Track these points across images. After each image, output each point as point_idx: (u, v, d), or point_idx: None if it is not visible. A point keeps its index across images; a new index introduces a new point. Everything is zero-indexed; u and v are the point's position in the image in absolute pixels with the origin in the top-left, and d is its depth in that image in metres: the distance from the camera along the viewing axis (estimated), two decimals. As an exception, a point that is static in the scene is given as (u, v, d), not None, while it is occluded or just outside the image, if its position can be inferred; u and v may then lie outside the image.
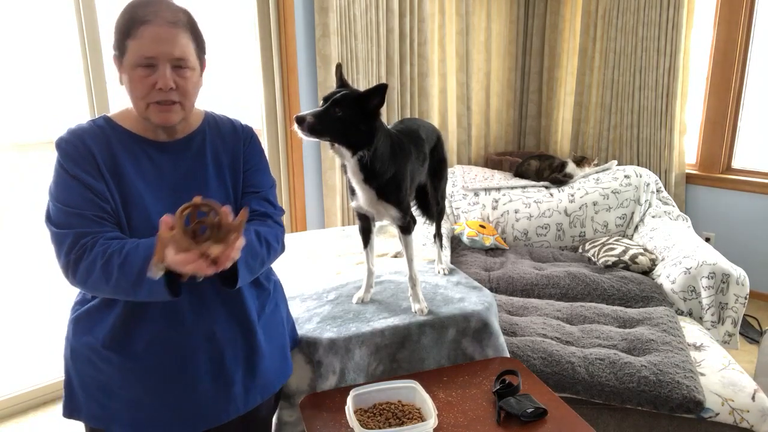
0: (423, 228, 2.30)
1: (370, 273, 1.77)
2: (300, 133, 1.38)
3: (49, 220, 1.14)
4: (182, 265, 0.98)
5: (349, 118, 1.42)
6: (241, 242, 1.04)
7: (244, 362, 1.30)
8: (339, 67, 1.57)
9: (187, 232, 1.00)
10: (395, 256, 2.15)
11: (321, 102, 1.46)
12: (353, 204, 1.67)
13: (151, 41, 1.10)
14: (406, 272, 1.71)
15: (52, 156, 1.18)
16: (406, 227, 1.65)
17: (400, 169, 1.59)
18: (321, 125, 1.39)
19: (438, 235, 1.99)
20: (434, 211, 1.93)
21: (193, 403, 1.23)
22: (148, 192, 1.18)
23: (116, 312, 1.18)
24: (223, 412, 1.27)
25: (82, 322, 1.22)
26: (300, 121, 1.37)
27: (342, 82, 1.53)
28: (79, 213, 1.11)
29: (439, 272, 1.97)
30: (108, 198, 1.14)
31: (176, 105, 1.17)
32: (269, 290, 1.39)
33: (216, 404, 1.26)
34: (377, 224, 1.84)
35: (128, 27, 1.11)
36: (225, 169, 1.30)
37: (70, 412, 1.26)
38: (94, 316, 1.21)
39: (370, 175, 1.53)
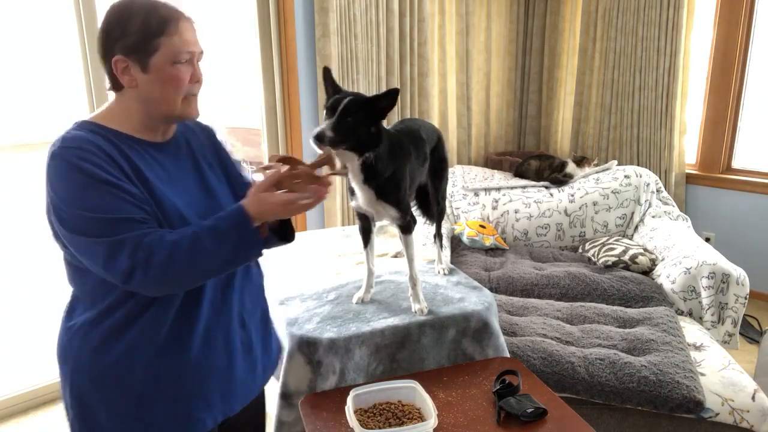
0: (423, 228, 2.30)
1: (370, 273, 1.77)
2: (317, 149, 1.39)
3: (77, 231, 1.05)
4: (318, 194, 1.12)
5: (360, 123, 1.42)
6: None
7: (262, 342, 1.36)
8: (327, 71, 1.54)
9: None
10: (395, 256, 2.15)
11: (324, 111, 1.45)
12: (353, 204, 1.67)
13: (189, 36, 1.13)
14: (406, 272, 1.71)
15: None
16: (406, 227, 1.65)
17: (399, 169, 1.59)
18: (339, 137, 1.40)
19: (438, 235, 1.99)
20: (434, 211, 1.94)
21: (233, 386, 1.27)
22: (170, 192, 1.17)
23: (169, 311, 1.15)
24: (250, 392, 1.32)
25: (108, 340, 1.13)
26: (321, 138, 1.37)
27: (334, 88, 1.52)
28: (124, 218, 1.05)
29: (439, 272, 1.98)
30: (145, 200, 1.10)
31: (197, 97, 1.21)
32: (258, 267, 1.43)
33: (246, 385, 1.30)
34: (377, 224, 1.84)
35: (160, 25, 1.10)
36: (212, 163, 1.32)
37: None
38: (125, 329, 1.14)
39: (370, 175, 1.53)
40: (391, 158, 1.56)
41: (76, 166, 1.05)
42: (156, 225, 1.10)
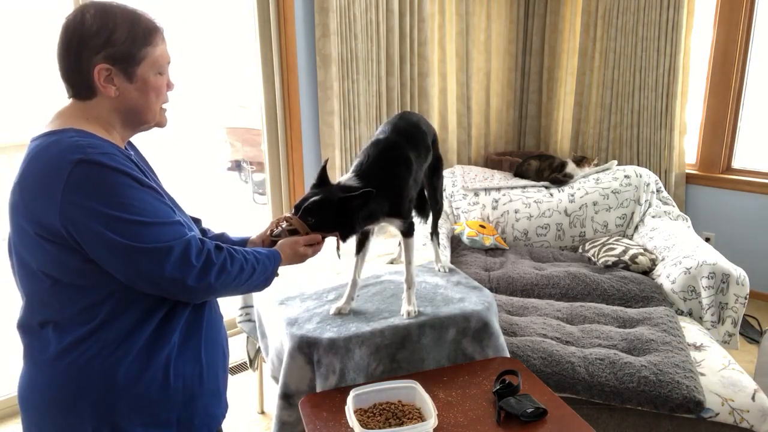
0: (424, 228, 2.30)
1: (354, 284, 1.71)
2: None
3: (140, 239, 1.02)
4: (314, 252, 1.39)
5: (325, 221, 1.43)
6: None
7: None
8: (324, 167, 1.58)
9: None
10: (391, 263, 2.11)
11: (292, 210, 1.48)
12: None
13: (166, 46, 1.17)
14: (404, 273, 1.71)
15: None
16: (407, 231, 1.66)
17: (402, 183, 1.59)
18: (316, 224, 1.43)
19: (435, 233, 1.98)
20: (433, 210, 1.93)
21: (227, 381, 1.35)
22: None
23: (183, 313, 1.18)
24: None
25: (139, 355, 1.11)
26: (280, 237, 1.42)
27: (319, 180, 1.56)
28: (176, 221, 1.10)
29: (438, 270, 1.97)
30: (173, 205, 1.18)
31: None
32: None
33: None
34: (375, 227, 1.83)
35: (146, 36, 1.12)
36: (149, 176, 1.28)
37: None
38: (153, 339, 1.13)
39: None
40: (389, 186, 1.55)
41: (114, 171, 1.02)
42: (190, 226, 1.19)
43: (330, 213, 1.43)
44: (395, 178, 1.58)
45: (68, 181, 0.99)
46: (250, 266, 1.20)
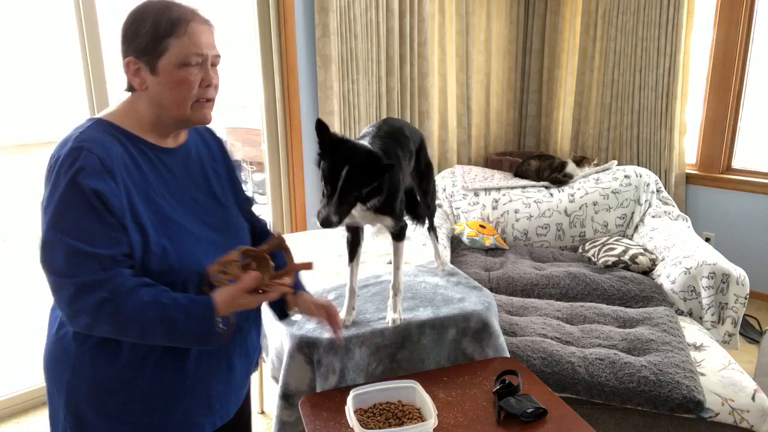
0: (423, 229, 2.30)
1: (352, 292, 1.65)
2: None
3: (50, 265, 1.00)
4: (259, 300, 1.13)
5: (364, 188, 1.34)
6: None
7: (255, 345, 1.37)
8: (321, 125, 1.36)
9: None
10: (390, 263, 2.09)
11: (321, 174, 1.35)
12: (348, 233, 1.64)
13: (200, 38, 1.10)
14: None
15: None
16: (398, 234, 1.62)
17: (394, 180, 1.55)
18: (345, 215, 1.34)
19: (432, 228, 1.97)
20: (426, 214, 1.91)
21: (231, 389, 1.28)
22: (177, 205, 1.15)
23: None
24: (242, 395, 1.34)
25: (110, 345, 1.10)
26: (327, 225, 1.31)
27: (330, 142, 1.36)
28: (97, 253, 1.00)
29: (438, 267, 1.96)
30: (132, 227, 1.05)
31: (212, 102, 1.17)
32: None
33: (241, 388, 1.31)
34: (373, 228, 1.82)
35: (170, 26, 1.08)
36: (220, 174, 1.30)
37: None
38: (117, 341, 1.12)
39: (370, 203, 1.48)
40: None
41: (74, 177, 1.00)
42: (128, 265, 1.05)
43: (366, 178, 1.32)
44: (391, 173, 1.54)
45: (48, 170, 1.04)
46: (165, 323, 1.04)
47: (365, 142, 1.49)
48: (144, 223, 1.07)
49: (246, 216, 1.35)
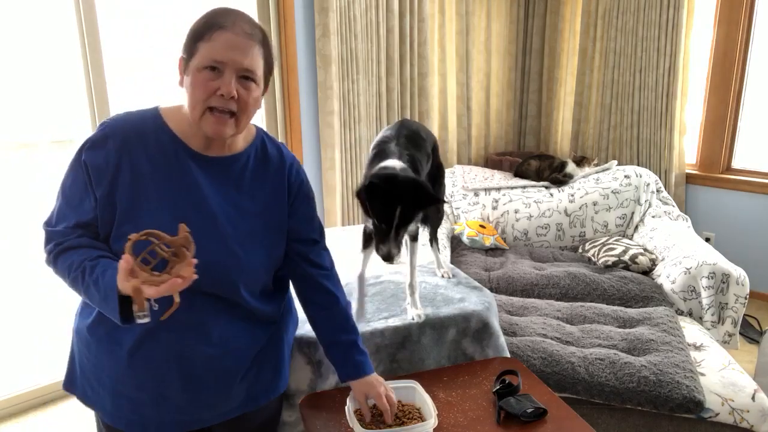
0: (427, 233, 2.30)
1: (361, 280, 1.66)
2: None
3: (58, 197, 1.20)
4: (150, 292, 1.00)
5: (415, 219, 1.37)
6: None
7: (241, 376, 1.33)
8: (374, 187, 1.35)
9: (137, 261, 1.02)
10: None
11: (371, 214, 1.35)
12: (369, 224, 1.64)
13: (224, 46, 1.09)
14: (405, 273, 1.70)
15: (53, 156, 1.17)
16: (414, 236, 1.65)
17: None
18: (401, 244, 1.36)
19: (435, 239, 1.98)
20: (434, 218, 1.91)
21: (164, 412, 1.25)
22: (167, 205, 1.14)
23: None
24: (197, 422, 1.30)
25: (87, 305, 1.23)
26: (389, 260, 1.33)
27: (380, 179, 1.36)
28: (69, 214, 1.16)
29: (443, 276, 1.96)
30: (103, 202, 1.13)
31: (232, 118, 1.13)
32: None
33: (190, 414, 1.27)
34: None
35: (203, 30, 1.11)
36: (263, 201, 1.25)
37: (68, 385, 1.31)
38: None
39: None
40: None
41: (80, 151, 1.15)
42: (92, 231, 1.16)
43: (417, 210, 1.36)
44: (420, 170, 1.57)
45: None
46: (83, 284, 1.10)
47: (394, 160, 1.46)
48: (117, 205, 1.13)
49: (284, 252, 1.31)
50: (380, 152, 1.55)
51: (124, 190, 1.13)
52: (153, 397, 1.21)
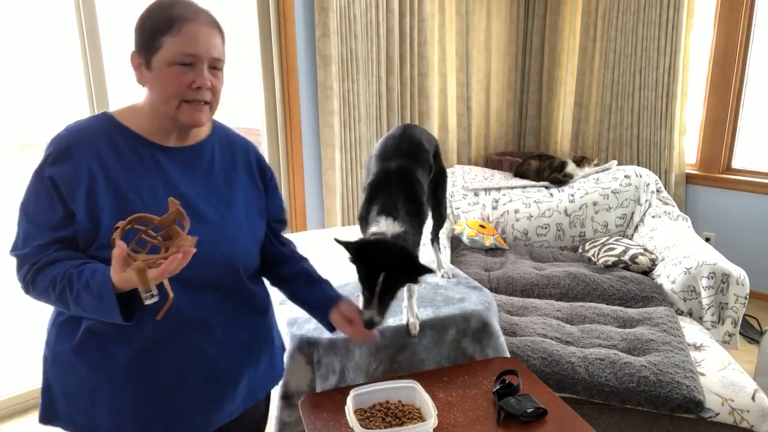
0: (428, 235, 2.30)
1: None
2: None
3: (19, 222, 1.12)
4: (153, 275, 0.97)
5: (400, 287, 1.36)
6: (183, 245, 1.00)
7: (244, 368, 1.31)
8: (342, 244, 1.36)
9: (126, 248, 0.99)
10: None
11: (361, 285, 1.34)
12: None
13: (194, 39, 1.09)
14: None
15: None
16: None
17: (425, 209, 1.57)
18: (387, 312, 1.34)
19: (436, 239, 1.97)
20: (436, 222, 1.90)
21: (181, 414, 1.21)
22: (156, 204, 1.13)
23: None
24: (211, 422, 1.27)
25: (66, 327, 1.15)
26: (371, 326, 1.32)
27: (360, 247, 1.35)
28: (41, 234, 1.09)
29: (443, 276, 1.96)
30: (82, 213, 1.07)
31: (207, 105, 1.15)
32: None
33: (205, 414, 1.24)
34: None
35: (166, 23, 1.09)
36: (239, 185, 1.26)
37: (47, 419, 1.21)
38: (78, 319, 1.14)
39: None
40: (416, 211, 1.52)
41: (39, 168, 1.09)
42: (70, 246, 1.09)
43: (402, 279, 1.34)
44: (419, 205, 1.55)
45: None
46: (72, 292, 1.04)
47: (389, 221, 1.44)
48: (100, 214, 1.08)
49: (264, 232, 1.32)
50: (378, 192, 1.52)
51: (104, 195, 1.09)
52: (159, 406, 1.17)
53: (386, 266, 1.31)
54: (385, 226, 1.43)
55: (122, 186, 1.11)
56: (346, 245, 1.35)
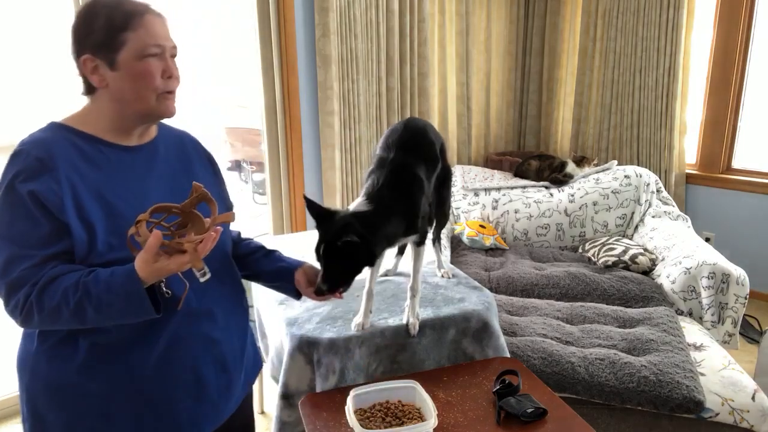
0: (430, 235, 2.29)
1: (370, 295, 1.62)
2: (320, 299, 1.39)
3: None
4: (187, 259, 0.99)
5: (353, 258, 1.35)
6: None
7: (240, 357, 1.34)
8: (309, 202, 1.41)
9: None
10: (384, 275, 2.02)
11: (316, 252, 1.37)
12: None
13: (155, 29, 1.09)
14: (406, 273, 1.70)
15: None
16: (420, 240, 1.63)
17: (417, 205, 1.54)
18: (336, 283, 1.34)
19: (438, 239, 1.97)
20: (438, 221, 1.89)
21: (203, 406, 1.23)
22: (134, 202, 1.11)
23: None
24: (222, 414, 1.29)
25: (59, 350, 1.10)
26: (320, 293, 1.35)
27: (318, 214, 1.39)
28: (31, 254, 1.01)
29: (443, 276, 1.96)
30: (75, 223, 1.03)
31: (173, 95, 1.15)
32: None
33: (218, 405, 1.27)
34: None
35: (123, 19, 1.07)
36: (191, 178, 1.25)
37: None
38: (79, 336, 1.09)
39: None
40: (402, 205, 1.50)
41: (11, 185, 1.02)
42: (65, 261, 1.04)
43: (352, 248, 1.33)
44: (409, 200, 1.53)
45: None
46: (92, 300, 1.00)
47: (362, 201, 1.44)
48: (92, 221, 1.05)
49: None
50: (367, 178, 1.54)
51: (89, 202, 1.06)
52: (181, 404, 1.17)
53: (329, 235, 1.35)
54: (354, 205, 1.45)
55: (101, 190, 1.09)
56: (310, 205, 1.40)
